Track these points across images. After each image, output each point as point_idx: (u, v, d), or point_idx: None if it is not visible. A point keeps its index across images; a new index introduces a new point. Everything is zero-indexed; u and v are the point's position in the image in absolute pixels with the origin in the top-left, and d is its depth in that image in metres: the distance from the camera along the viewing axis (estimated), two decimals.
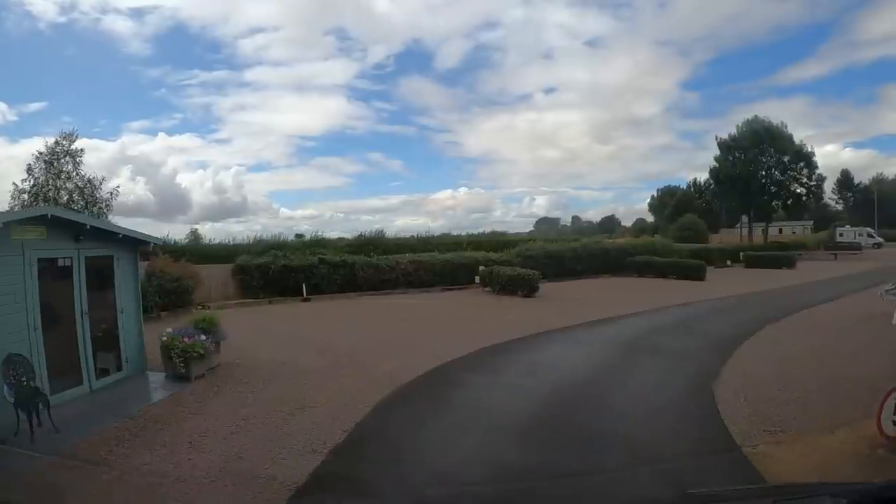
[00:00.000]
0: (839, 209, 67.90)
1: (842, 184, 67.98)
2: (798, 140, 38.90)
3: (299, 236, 23.45)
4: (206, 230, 46.43)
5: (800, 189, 39.62)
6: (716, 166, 40.64)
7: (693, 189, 58.09)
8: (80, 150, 19.40)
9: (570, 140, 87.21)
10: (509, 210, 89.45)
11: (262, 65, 72.80)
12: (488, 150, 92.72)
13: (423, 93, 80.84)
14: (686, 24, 72.19)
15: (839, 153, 72.22)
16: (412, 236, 25.43)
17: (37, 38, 53.62)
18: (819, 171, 39.46)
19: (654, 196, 67.24)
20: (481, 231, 34.26)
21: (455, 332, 10.55)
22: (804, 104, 74.35)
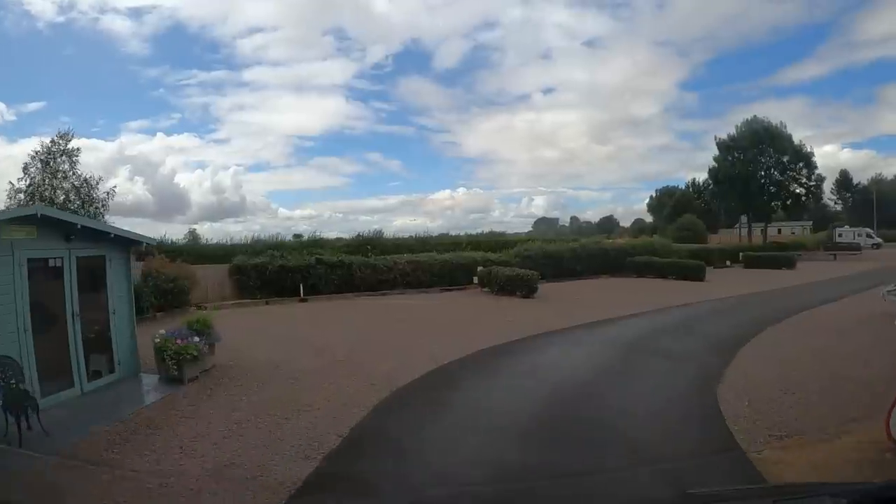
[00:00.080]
0: (838, 209, 68.02)
1: (840, 184, 68.00)
2: (797, 140, 38.98)
3: (297, 236, 23.42)
4: (205, 230, 46.52)
5: (799, 189, 39.59)
6: (715, 166, 40.61)
7: (692, 189, 57.96)
8: (77, 150, 19.37)
9: (569, 140, 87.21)
10: (508, 210, 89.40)
11: (260, 65, 73.01)
12: (487, 150, 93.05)
13: (421, 93, 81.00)
14: (685, 24, 72.39)
15: (837, 153, 72.45)
16: (410, 236, 25.40)
17: (35, 37, 53.55)
18: (818, 172, 39.56)
19: (653, 196, 67.46)
20: (480, 231, 34.17)
21: (453, 333, 10.46)
22: (803, 105, 74.83)
